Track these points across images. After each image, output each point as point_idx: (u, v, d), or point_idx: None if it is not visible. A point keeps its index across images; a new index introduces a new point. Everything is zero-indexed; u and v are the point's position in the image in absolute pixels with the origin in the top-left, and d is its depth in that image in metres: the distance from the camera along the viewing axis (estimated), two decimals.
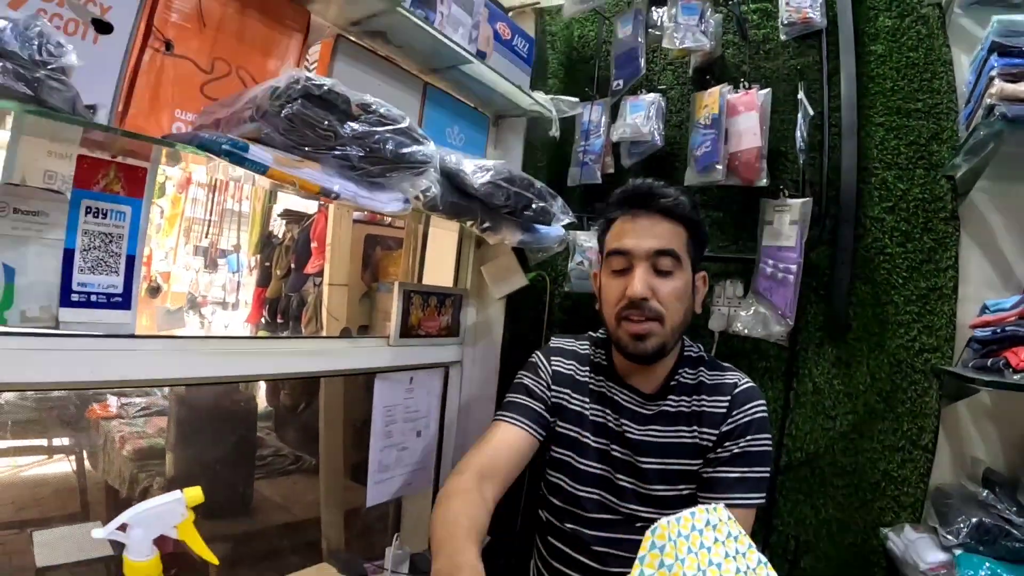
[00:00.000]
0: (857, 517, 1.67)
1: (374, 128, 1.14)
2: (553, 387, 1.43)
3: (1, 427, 3.20)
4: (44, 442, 3.43)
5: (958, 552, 1.38)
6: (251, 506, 2.45)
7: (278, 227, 3.70)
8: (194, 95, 1.17)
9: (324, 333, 2.75)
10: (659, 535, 0.83)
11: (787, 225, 1.68)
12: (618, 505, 1.34)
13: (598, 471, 1.37)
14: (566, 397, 1.42)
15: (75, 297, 1.06)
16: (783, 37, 1.77)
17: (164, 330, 3.92)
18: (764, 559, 0.91)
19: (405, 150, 1.18)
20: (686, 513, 0.88)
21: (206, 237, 4.53)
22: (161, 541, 0.84)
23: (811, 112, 1.68)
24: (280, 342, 1.57)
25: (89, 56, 1.00)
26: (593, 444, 1.38)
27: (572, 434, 1.40)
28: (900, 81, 1.72)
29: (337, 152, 1.10)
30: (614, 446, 1.37)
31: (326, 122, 1.06)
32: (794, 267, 1.64)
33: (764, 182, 1.72)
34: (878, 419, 1.66)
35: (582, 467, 1.38)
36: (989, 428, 1.60)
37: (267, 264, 3.71)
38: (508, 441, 1.35)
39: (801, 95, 1.69)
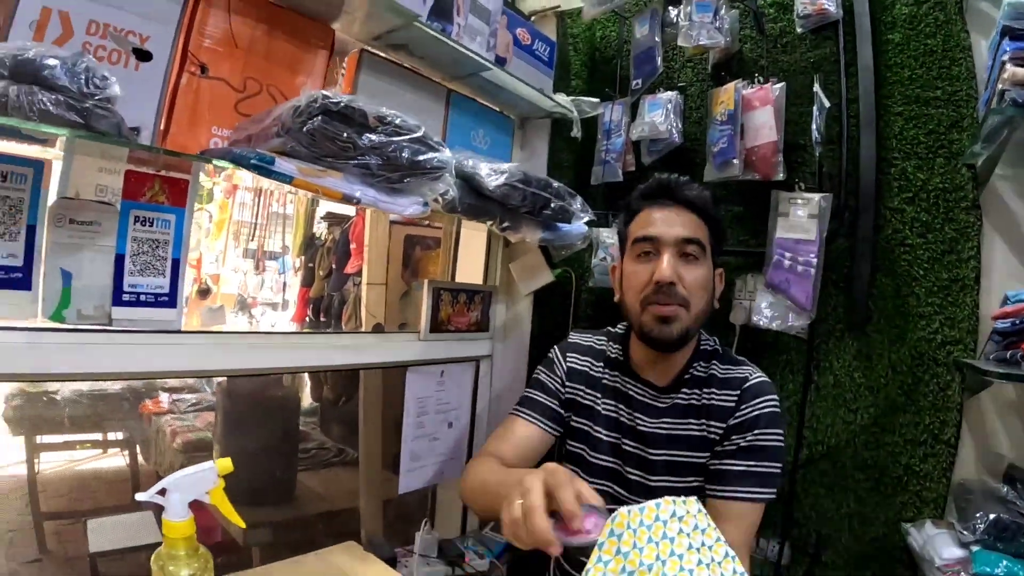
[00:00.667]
0: (879, 512, 1.69)
1: (391, 138, 1.25)
2: (567, 383, 1.51)
3: (58, 423, 3.51)
4: (99, 436, 3.76)
5: (975, 548, 1.39)
6: (293, 495, 2.61)
7: (320, 229, 3.88)
8: (228, 112, 1.30)
9: (363, 330, 2.89)
10: (617, 523, 0.86)
11: (805, 218, 1.70)
12: (626, 498, 1.40)
13: (608, 464, 1.44)
14: (580, 392, 1.50)
15: (126, 297, 1.22)
16: (799, 30, 1.79)
17: (207, 326, 4.15)
18: (732, 553, 0.93)
19: (421, 157, 1.29)
20: (651, 503, 0.90)
21: (252, 240, 4.77)
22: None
23: (827, 104, 1.71)
24: (314, 336, 1.73)
25: (132, 82, 1.15)
26: (605, 438, 1.45)
27: (584, 428, 1.48)
28: (918, 69, 1.72)
29: (357, 161, 1.22)
30: (625, 439, 1.43)
31: (345, 135, 1.18)
32: (814, 260, 1.66)
33: (781, 176, 1.76)
34: (900, 412, 1.68)
35: (593, 460, 1.45)
36: (1014, 423, 1.59)
37: (310, 265, 3.90)
38: (519, 435, 1.46)
39: (817, 87, 1.72)
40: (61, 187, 1.19)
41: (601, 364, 1.52)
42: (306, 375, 3.34)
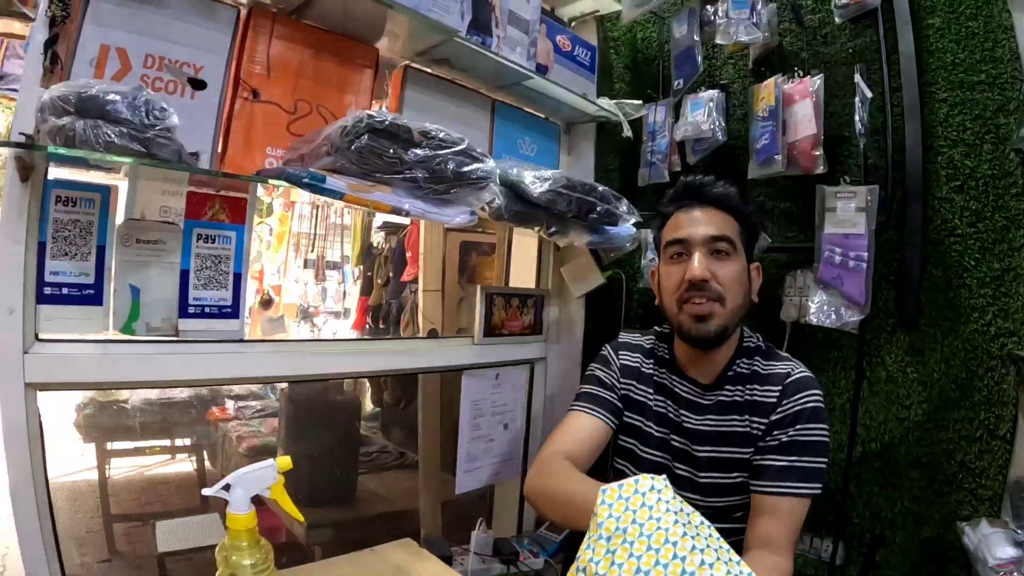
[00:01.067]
0: (934, 510, 1.66)
1: (436, 151, 1.31)
2: (622, 379, 1.55)
3: (128, 429, 3.73)
4: (168, 442, 3.99)
5: None
6: (355, 496, 2.71)
7: (378, 239, 3.99)
8: (281, 133, 1.39)
9: (419, 336, 2.97)
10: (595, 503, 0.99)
11: (853, 212, 1.68)
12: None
13: (658, 459, 1.48)
14: (632, 388, 1.54)
15: (191, 309, 1.32)
16: (838, 20, 1.78)
17: (268, 336, 4.32)
18: (707, 521, 0.99)
19: (465, 168, 1.35)
20: (630, 480, 0.99)
21: (312, 251, 4.93)
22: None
23: (869, 94, 1.68)
24: (370, 343, 1.81)
25: (189, 110, 1.25)
26: (655, 433, 1.49)
27: (637, 423, 1.51)
28: (961, 53, 1.69)
29: (404, 175, 1.29)
30: (673, 435, 1.47)
31: (391, 151, 1.25)
32: (865, 254, 1.65)
33: (822, 169, 1.75)
34: (953, 408, 1.64)
35: (644, 455, 1.49)
36: None
37: (369, 274, 4.03)
38: (584, 428, 1.47)
39: (858, 78, 1.70)
40: (127, 209, 1.29)
41: (651, 361, 1.56)
42: (367, 381, 3.45)
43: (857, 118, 1.68)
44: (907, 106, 1.73)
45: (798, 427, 1.33)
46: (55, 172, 1.20)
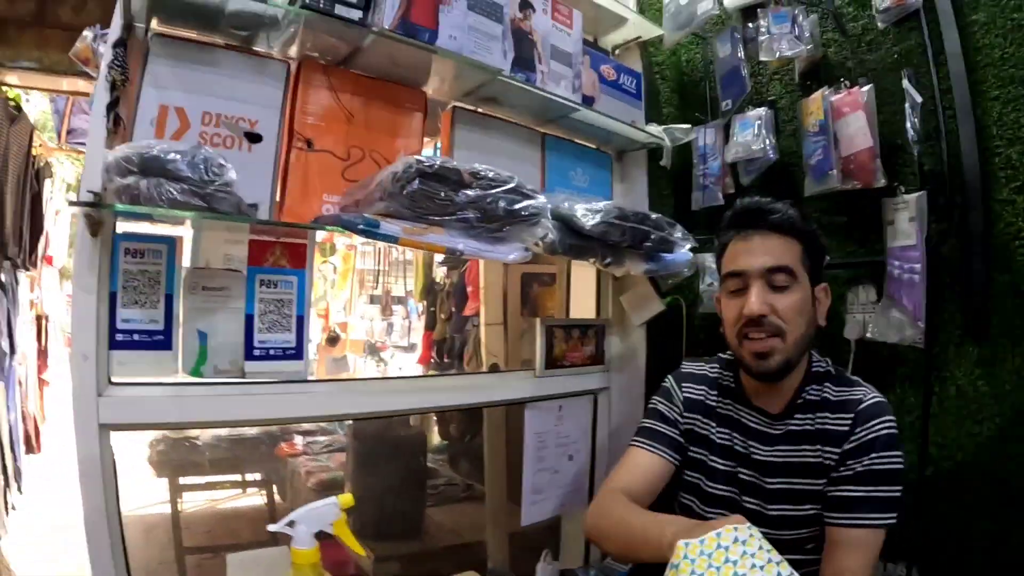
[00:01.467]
0: (1013, 530, 1.58)
1: (486, 191, 1.35)
2: (685, 413, 1.52)
3: (200, 465, 3.91)
4: (238, 477, 4.17)
5: None
6: (422, 529, 2.75)
7: (440, 273, 4.09)
8: (336, 180, 1.46)
9: (482, 370, 3.03)
10: (676, 555, 0.98)
11: (907, 223, 1.66)
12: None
13: (725, 493, 1.43)
14: (697, 422, 1.50)
15: (256, 352, 1.38)
16: (880, 25, 1.76)
17: (332, 375, 4.44)
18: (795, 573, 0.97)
19: (517, 206, 1.39)
20: (711, 533, 0.98)
21: (376, 287, 5.07)
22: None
23: (919, 99, 1.64)
24: (431, 379, 1.85)
25: (246, 162, 1.34)
26: (721, 467, 1.45)
27: (701, 457, 1.48)
28: (1009, 48, 1.63)
29: (457, 216, 1.33)
30: (741, 468, 1.42)
31: (442, 193, 1.29)
32: (918, 266, 1.62)
33: (882, 182, 1.71)
34: None
35: (710, 490, 1.45)
36: None
37: (432, 309, 4.13)
38: (644, 466, 1.47)
39: (905, 83, 1.66)
40: (193, 258, 1.37)
41: (716, 392, 1.52)
42: (433, 414, 3.52)
43: (908, 125, 1.65)
44: (959, 107, 1.68)
45: (872, 456, 1.28)
46: (123, 226, 1.28)
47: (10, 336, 3.65)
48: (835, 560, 1.26)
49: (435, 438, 3.64)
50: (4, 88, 3.54)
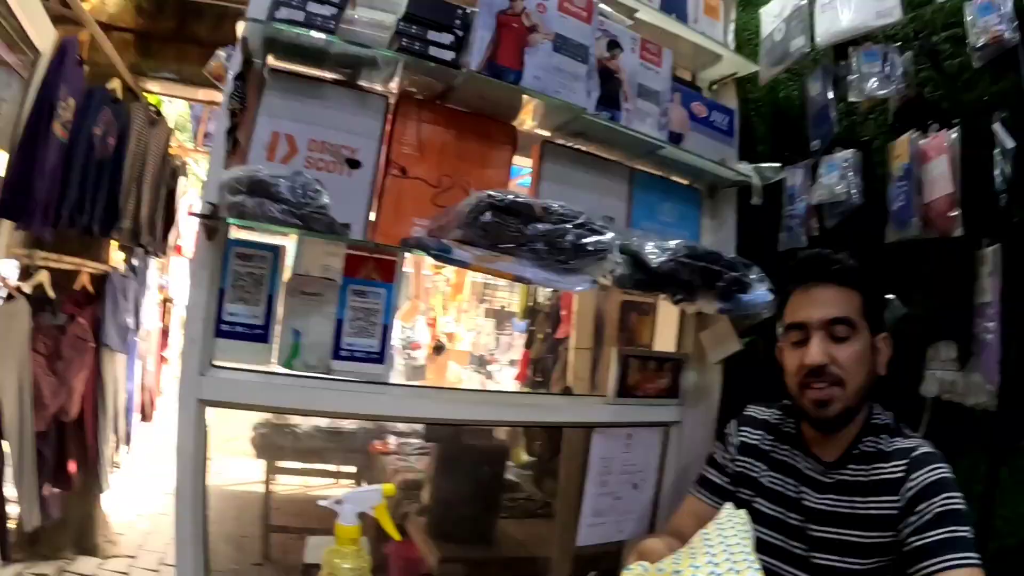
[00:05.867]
0: None
1: (557, 226, 1.50)
2: (738, 457, 1.65)
3: (297, 451, 4.50)
4: (332, 467, 4.81)
5: None
6: (492, 538, 2.94)
7: (545, 294, 4.29)
8: (426, 205, 1.66)
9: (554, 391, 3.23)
10: None
11: (986, 278, 1.64)
12: (784, 570, 1.47)
13: (769, 539, 1.51)
14: (748, 465, 1.63)
15: (343, 353, 1.65)
16: (976, 64, 1.72)
17: (410, 379, 4.75)
18: None
19: (584, 240, 1.51)
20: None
21: (482, 302, 5.34)
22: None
23: (1010, 144, 1.61)
24: (503, 395, 2.05)
25: (346, 186, 1.58)
26: (767, 511, 1.54)
27: (747, 499, 1.59)
28: None
29: (526, 247, 1.48)
30: (790, 513, 1.50)
31: (512, 225, 1.45)
32: (991, 324, 1.61)
33: (959, 232, 1.67)
34: None
35: (756, 534, 1.50)
36: None
37: (532, 328, 4.38)
38: (691, 511, 1.66)
39: (996, 126, 1.63)
40: (295, 265, 1.63)
41: (772, 438, 1.63)
42: (522, 430, 3.73)
43: (997, 171, 1.62)
44: None
45: (944, 496, 1.30)
46: (236, 233, 1.55)
47: (136, 314, 4.12)
48: None
49: (522, 454, 3.80)
50: (146, 95, 4.02)
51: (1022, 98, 1.65)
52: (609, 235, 1.57)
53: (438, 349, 5.24)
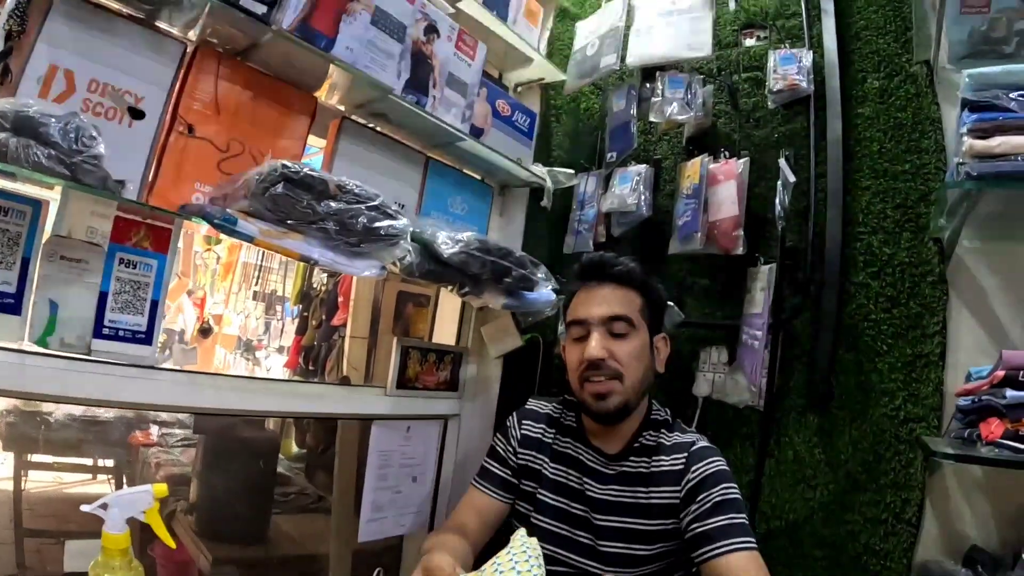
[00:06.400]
0: None
1: (350, 205, 1.44)
2: (520, 450, 1.69)
3: (50, 444, 3.85)
4: (89, 461, 4.11)
5: None
6: (266, 536, 2.79)
7: (320, 279, 4.13)
8: (211, 171, 1.52)
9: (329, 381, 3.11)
10: None
11: (758, 292, 1.82)
12: (575, 561, 1.53)
13: (552, 527, 1.58)
14: (530, 457, 1.67)
15: (106, 331, 1.44)
16: (771, 105, 1.93)
17: (179, 364, 4.42)
18: None
19: (377, 224, 1.47)
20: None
21: (257, 284, 5.07)
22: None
23: (791, 179, 1.81)
24: (279, 383, 1.92)
25: (125, 138, 1.40)
26: (550, 502, 1.60)
27: (531, 491, 1.64)
28: (888, 143, 1.85)
29: (317, 226, 1.41)
30: (573, 503, 1.57)
31: (305, 201, 1.38)
32: (759, 333, 1.77)
33: (741, 251, 1.88)
34: (860, 490, 1.75)
35: (536, 522, 1.60)
36: (979, 502, 1.65)
37: (305, 314, 4.17)
38: (479, 507, 1.65)
39: (782, 162, 1.84)
40: (56, 225, 1.41)
41: (553, 431, 1.69)
42: (292, 421, 3.59)
43: (777, 201, 1.81)
44: (830, 192, 1.88)
45: (722, 487, 1.42)
46: None
47: None
48: None
49: (292, 446, 3.68)
50: None
51: (806, 141, 1.94)
52: (403, 221, 1.54)
53: (205, 332, 4.89)
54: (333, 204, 1.42)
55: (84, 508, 1.15)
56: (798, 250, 1.91)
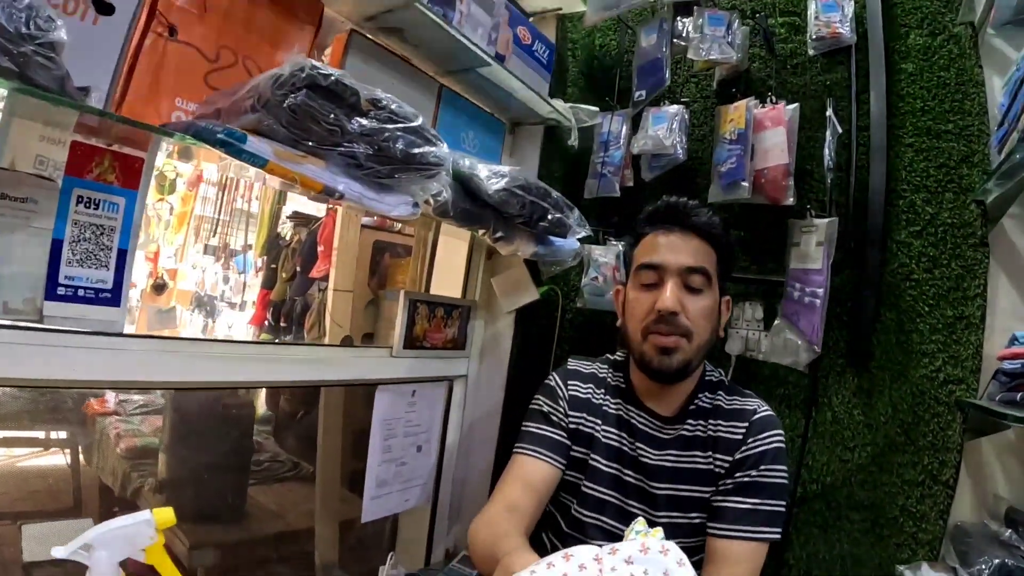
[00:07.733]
0: (873, 553, 1.59)
1: (384, 125, 1.08)
2: (571, 412, 1.38)
3: None
4: (40, 434, 3.33)
5: None
6: (244, 513, 2.39)
7: (286, 229, 3.66)
8: (197, 84, 1.11)
9: (327, 340, 2.69)
10: None
11: (814, 246, 1.62)
12: (621, 532, 1.25)
13: (605, 496, 1.33)
14: (582, 421, 1.38)
15: (61, 291, 1.01)
16: (811, 52, 1.72)
17: (155, 330, 3.88)
18: None
19: (416, 150, 1.12)
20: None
21: (214, 236, 4.50)
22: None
23: (839, 130, 1.63)
24: (279, 348, 1.47)
25: (87, 37, 0.97)
26: (604, 468, 1.34)
27: (583, 457, 1.36)
28: (931, 101, 1.66)
29: (343, 148, 1.05)
30: (627, 470, 1.33)
31: (332, 116, 1.00)
32: (820, 291, 1.58)
33: (791, 201, 1.66)
34: (898, 452, 1.58)
35: (588, 491, 1.33)
36: (1013, 465, 1.50)
37: (273, 266, 3.69)
38: (531, 475, 1.31)
39: (830, 112, 1.64)
40: None
41: (603, 391, 1.41)
42: None
43: (826, 152, 1.61)
44: (873, 147, 1.68)
45: (762, 468, 1.24)
46: None
47: None
48: (717, 574, 1.20)
49: (261, 407, 3.23)
50: None
51: (846, 92, 1.74)
52: (444, 148, 1.18)
53: (159, 288, 4.29)
54: (364, 122, 1.05)
55: (56, 553, 0.72)
56: (838, 204, 1.70)
